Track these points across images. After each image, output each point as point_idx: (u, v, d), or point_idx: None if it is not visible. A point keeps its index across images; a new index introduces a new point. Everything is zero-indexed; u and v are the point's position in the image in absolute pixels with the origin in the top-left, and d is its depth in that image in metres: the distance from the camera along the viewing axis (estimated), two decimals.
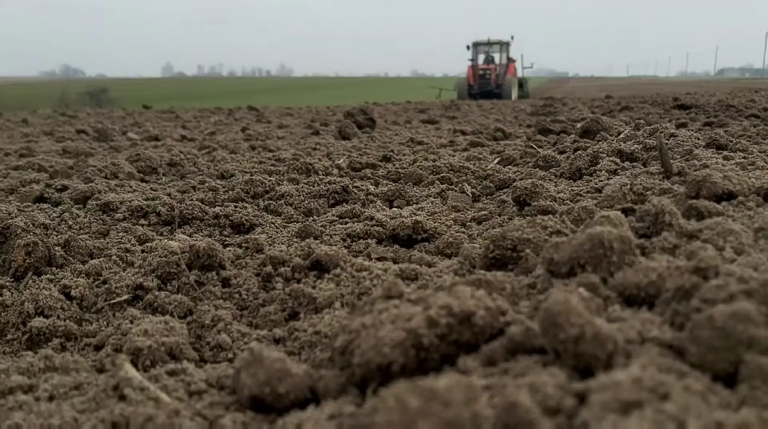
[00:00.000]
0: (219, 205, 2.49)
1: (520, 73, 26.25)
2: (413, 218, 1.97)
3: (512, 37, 25.49)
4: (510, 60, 25.05)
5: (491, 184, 2.86)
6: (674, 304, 0.93)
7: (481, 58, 25.03)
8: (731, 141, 2.95)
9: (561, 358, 0.81)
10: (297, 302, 1.43)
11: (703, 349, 0.77)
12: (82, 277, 1.57)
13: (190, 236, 2.08)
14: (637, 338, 0.84)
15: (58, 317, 1.36)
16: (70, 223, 2.22)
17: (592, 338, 0.79)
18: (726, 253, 1.20)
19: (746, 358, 0.74)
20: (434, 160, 3.61)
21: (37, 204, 2.61)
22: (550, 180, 2.78)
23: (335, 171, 3.45)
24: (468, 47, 25.23)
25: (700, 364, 0.76)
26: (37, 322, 1.31)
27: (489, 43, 25.28)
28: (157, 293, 1.48)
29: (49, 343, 1.28)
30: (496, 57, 24.80)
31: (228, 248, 1.88)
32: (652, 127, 3.56)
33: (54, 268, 1.68)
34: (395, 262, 1.76)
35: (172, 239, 1.89)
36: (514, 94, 23.12)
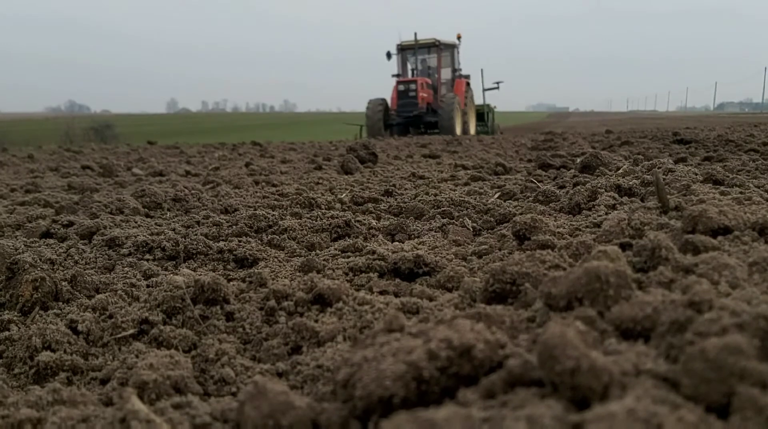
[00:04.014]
0: (223, 240, 2.52)
1: (479, 99, 17.62)
2: (415, 252, 2.00)
3: (459, 38, 16.13)
4: (458, 74, 16.21)
5: (492, 219, 2.89)
6: (669, 337, 0.95)
7: (411, 70, 15.99)
8: (728, 176, 2.98)
9: (558, 391, 0.83)
10: (300, 336, 1.45)
11: (696, 380, 0.79)
12: (89, 312, 1.59)
13: (194, 271, 2.10)
14: (633, 370, 0.86)
15: (65, 351, 1.38)
16: (77, 258, 2.25)
17: (587, 370, 0.81)
18: (721, 287, 1.23)
19: (738, 390, 0.76)
20: (435, 195, 3.64)
21: (44, 239, 2.65)
22: (549, 214, 2.81)
23: (338, 205, 3.49)
24: (389, 55, 15.47)
25: (693, 395, 0.78)
26: (44, 356, 1.33)
27: (419, 46, 15.28)
28: (162, 327, 1.50)
29: (56, 377, 1.30)
30: (443, 71, 15.70)
31: (232, 282, 1.91)
32: (651, 162, 3.61)
33: (61, 303, 1.70)
34: (397, 295, 1.78)
35: (177, 274, 1.91)
36: (463, 125, 14.96)
